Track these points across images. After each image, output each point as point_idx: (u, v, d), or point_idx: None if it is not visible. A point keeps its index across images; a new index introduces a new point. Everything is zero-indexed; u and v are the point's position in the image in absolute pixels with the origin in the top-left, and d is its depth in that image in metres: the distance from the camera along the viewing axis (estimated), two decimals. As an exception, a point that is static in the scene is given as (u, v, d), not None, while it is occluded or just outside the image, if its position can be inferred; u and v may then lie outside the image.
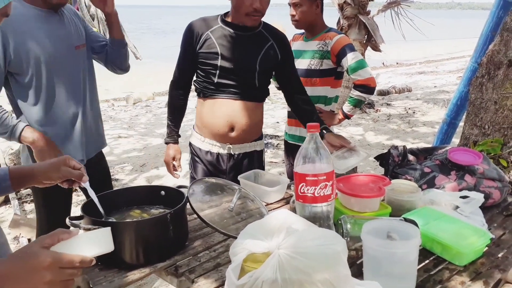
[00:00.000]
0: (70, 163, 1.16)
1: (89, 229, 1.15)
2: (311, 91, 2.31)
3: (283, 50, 1.99)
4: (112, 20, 1.94)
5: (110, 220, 1.28)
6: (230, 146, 2.01)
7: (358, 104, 2.37)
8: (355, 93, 2.33)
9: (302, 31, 2.46)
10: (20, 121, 1.73)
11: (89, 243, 0.89)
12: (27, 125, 1.74)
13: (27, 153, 1.84)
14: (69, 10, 1.90)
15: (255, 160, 2.08)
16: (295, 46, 2.44)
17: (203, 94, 1.98)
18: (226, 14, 1.96)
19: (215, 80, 1.91)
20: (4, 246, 0.92)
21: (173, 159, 2.09)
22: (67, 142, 1.88)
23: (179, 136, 2.14)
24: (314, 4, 2.29)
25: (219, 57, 1.88)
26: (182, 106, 2.10)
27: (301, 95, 2.08)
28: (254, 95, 1.98)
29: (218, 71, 1.90)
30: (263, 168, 2.12)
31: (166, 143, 2.11)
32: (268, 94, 2.06)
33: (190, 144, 2.13)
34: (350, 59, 2.24)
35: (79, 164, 1.19)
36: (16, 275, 0.76)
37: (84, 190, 1.34)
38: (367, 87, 2.30)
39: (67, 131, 1.87)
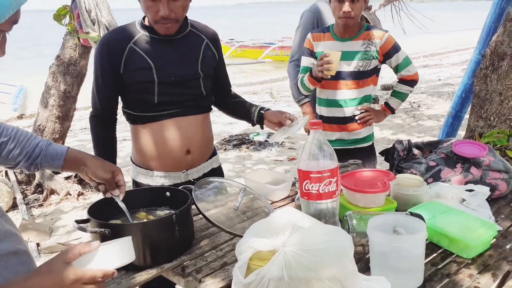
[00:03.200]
0: (118, 176, 1.28)
1: (95, 232, 1.16)
2: (357, 93, 2.22)
3: (217, 48, 1.76)
4: None
5: (116, 222, 1.29)
6: (188, 172, 1.73)
7: (405, 98, 2.34)
8: (404, 88, 2.27)
9: (325, 28, 2.28)
10: None
11: (110, 256, 0.89)
12: None
13: None
14: None
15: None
16: (325, 46, 2.21)
17: (142, 120, 1.65)
18: (145, 18, 1.64)
19: (156, 99, 1.61)
20: (25, 256, 0.92)
21: None
22: None
23: None
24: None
25: (154, 71, 1.57)
26: (113, 141, 1.74)
27: (231, 94, 1.93)
28: (203, 106, 1.73)
29: (156, 88, 1.59)
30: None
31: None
32: (213, 101, 1.80)
33: (134, 182, 1.79)
34: (400, 57, 2.19)
35: (123, 182, 1.29)
36: None
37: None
38: (415, 82, 2.28)
39: None
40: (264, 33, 21.22)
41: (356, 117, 2.25)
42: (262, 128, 1.80)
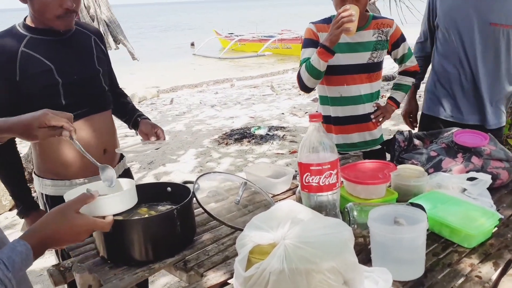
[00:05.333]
0: (53, 112, 1.11)
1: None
2: (369, 88, 2.07)
3: (103, 44, 1.75)
4: None
5: (118, 218, 1.29)
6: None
7: (409, 90, 2.26)
8: (409, 79, 2.20)
9: (326, 19, 2.08)
10: None
11: (114, 203, 1.06)
12: None
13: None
14: None
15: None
16: None
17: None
18: (26, 20, 1.55)
19: (63, 101, 1.52)
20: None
21: None
22: None
23: (36, 201, 1.64)
24: None
25: (54, 72, 1.49)
26: (18, 159, 1.60)
27: (119, 89, 1.89)
28: (107, 102, 1.70)
29: (61, 90, 1.51)
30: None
31: (24, 216, 1.61)
32: (111, 97, 1.75)
33: (46, 197, 1.62)
34: (406, 47, 2.10)
35: (64, 114, 1.14)
36: (59, 238, 0.94)
37: None
38: (417, 72, 2.22)
39: None
40: (263, 27, 21.14)
41: (372, 116, 2.11)
42: (136, 134, 1.80)
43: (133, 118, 1.81)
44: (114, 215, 1.07)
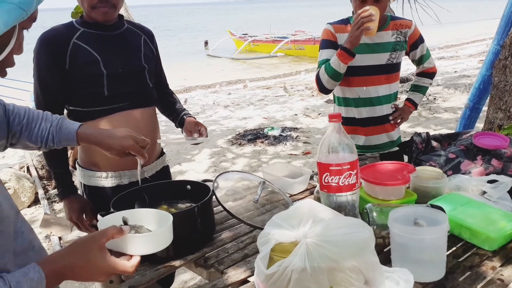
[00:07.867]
0: (137, 138, 1.29)
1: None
2: (388, 89, 2.07)
3: (153, 44, 1.81)
4: None
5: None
6: (143, 169, 1.68)
7: (426, 91, 2.25)
8: (427, 81, 2.20)
9: (344, 19, 2.07)
10: None
11: (142, 244, 0.92)
12: None
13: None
14: None
15: (166, 178, 1.84)
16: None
17: (92, 115, 1.60)
18: (82, 17, 1.65)
19: (106, 92, 1.59)
20: (41, 251, 0.96)
21: (82, 214, 1.68)
22: None
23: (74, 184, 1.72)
24: None
25: (101, 64, 1.57)
26: None
27: (168, 89, 1.95)
28: (151, 98, 1.75)
29: (105, 81, 1.58)
30: None
31: (63, 198, 1.68)
32: (156, 95, 1.80)
33: (84, 186, 1.71)
34: (425, 48, 2.11)
35: (143, 141, 1.30)
36: (76, 272, 0.85)
37: None
38: (435, 74, 2.22)
39: None
40: (277, 27, 21.15)
41: (390, 117, 2.11)
42: (182, 132, 1.82)
43: (179, 117, 1.86)
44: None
